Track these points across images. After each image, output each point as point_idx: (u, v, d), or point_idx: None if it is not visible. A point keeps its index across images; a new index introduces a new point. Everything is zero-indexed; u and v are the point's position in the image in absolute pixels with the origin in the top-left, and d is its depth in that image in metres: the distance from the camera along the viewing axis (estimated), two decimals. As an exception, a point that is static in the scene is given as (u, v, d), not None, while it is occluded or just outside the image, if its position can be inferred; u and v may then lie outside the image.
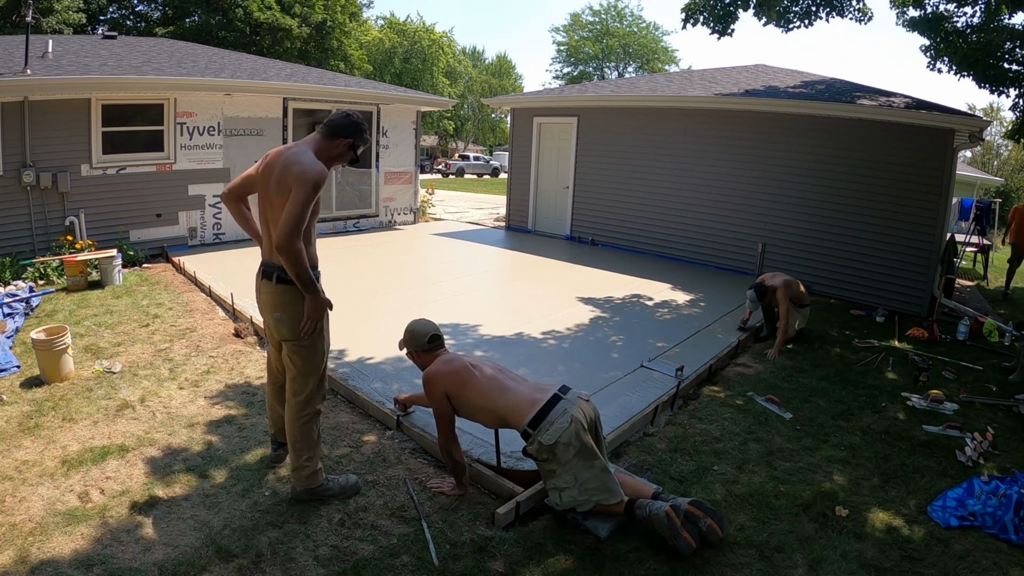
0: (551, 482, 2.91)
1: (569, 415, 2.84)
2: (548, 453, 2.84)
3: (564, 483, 2.86)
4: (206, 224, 9.11)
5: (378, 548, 2.72)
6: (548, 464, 2.88)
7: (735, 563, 2.76)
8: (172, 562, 2.55)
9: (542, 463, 2.91)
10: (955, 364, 5.69)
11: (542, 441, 2.81)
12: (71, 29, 21.78)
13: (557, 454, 2.83)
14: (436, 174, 37.70)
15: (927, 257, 7.50)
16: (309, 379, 2.96)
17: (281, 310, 2.87)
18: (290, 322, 2.87)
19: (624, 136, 10.19)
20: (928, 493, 3.42)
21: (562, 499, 2.88)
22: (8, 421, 3.64)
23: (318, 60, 29.15)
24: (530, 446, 2.88)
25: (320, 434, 3.09)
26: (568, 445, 2.80)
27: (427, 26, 42.79)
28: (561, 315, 6.30)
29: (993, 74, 8.30)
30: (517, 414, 2.90)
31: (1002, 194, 25.97)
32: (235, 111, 9.13)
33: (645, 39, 44.74)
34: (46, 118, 7.36)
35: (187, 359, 4.76)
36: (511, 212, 12.29)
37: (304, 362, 2.93)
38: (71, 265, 6.60)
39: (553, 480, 2.90)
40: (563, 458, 2.83)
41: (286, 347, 2.94)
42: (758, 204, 8.81)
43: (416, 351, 3.26)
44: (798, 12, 9.40)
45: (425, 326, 3.27)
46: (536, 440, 2.83)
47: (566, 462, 2.83)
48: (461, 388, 3.01)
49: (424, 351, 3.24)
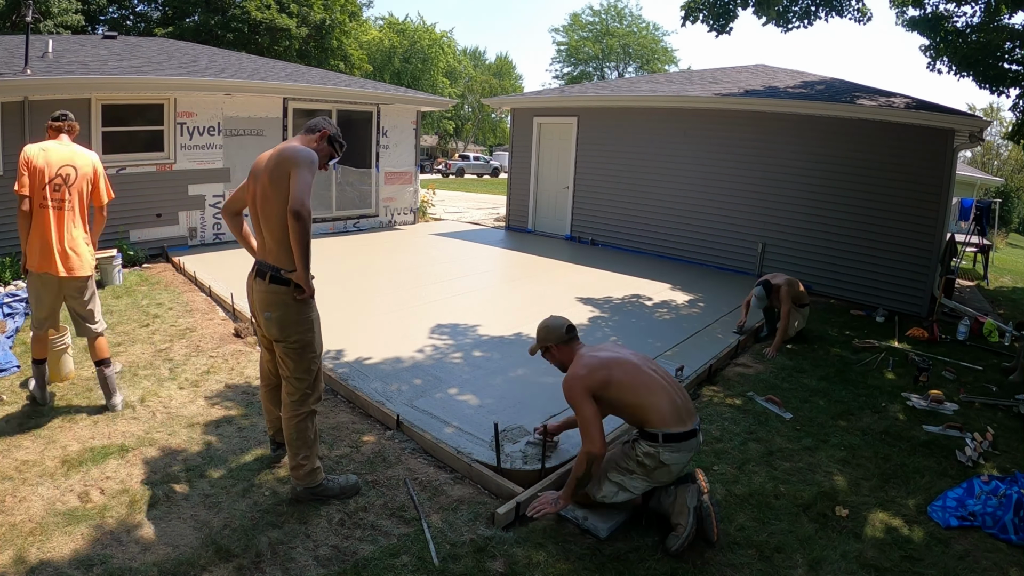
0: (616, 476, 2.92)
1: (690, 455, 2.90)
2: (652, 463, 2.85)
3: (630, 486, 2.90)
4: (206, 224, 9.11)
5: (378, 548, 2.72)
6: (635, 465, 2.89)
7: (735, 563, 2.76)
8: (172, 562, 2.55)
9: (634, 460, 2.89)
10: (955, 364, 5.69)
11: (663, 457, 2.83)
12: (69, 31, 21.78)
13: (653, 468, 2.86)
14: (436, 174, 37.69)
15: (927, 257, 7.50)
16: (302, 379, 2.97)
17: (273, 309, 2.87)
18: (281, 322, 2.87)
19: (624, 136, 10.19)
20: (928, 493, 3.41)
21: (604, 494, 2.92)
22: (8, 421, 3.64)
23: (318, 60, 29.17)
24: (647, 444, 2.86)
25: (318, 433, 3.09)
26: (668, 471, 2.87)
27: (427, 26, 42.80)
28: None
29: (993, 74, 8.31)
30: (660, 419, 2.84)
31: (1002, 194, 25.99)
32: (235, 111, 9.13)
33: (645, 39, 44.77)
34: (46, 118, 7.34)
35: (187, 359, 4.76)
36: (511, 212, 12.30)
37: (296, 363, 2.94)
38: (71, 265, 6.58)
39: (620, 476, 2.91)
40: (653, 474, 2.87)
41: (278, 348, 2.95)
42: (758, 204, 8.81)
43: (557, 345, 3.12)
44: (797, 12, 9.41)
45: (559, 320, 3.17)
46: (658, 450, 2.83)
47: (647, 476, 2.88)
48: (605, 386, 2.87)
49: (565, 343, 3.11)
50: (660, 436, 2.82)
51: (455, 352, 5.10)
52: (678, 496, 2.86)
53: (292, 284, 2.83)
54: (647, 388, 2.89)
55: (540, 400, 4.20)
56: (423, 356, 4.97)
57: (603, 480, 2.95)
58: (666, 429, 2.82)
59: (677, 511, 2.83)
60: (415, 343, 5.25)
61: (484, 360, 4.96)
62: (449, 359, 4.94)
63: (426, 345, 5.22)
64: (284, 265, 2.84)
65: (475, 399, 4.23)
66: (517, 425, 3.81)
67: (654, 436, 2.83)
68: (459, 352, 5.10)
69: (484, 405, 4.13)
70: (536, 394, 4.32)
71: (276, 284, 2.85)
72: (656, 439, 2.83)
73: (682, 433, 2.83)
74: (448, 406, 4.09)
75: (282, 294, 2.85)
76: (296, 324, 2.90)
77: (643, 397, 2.87)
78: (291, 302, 2.86)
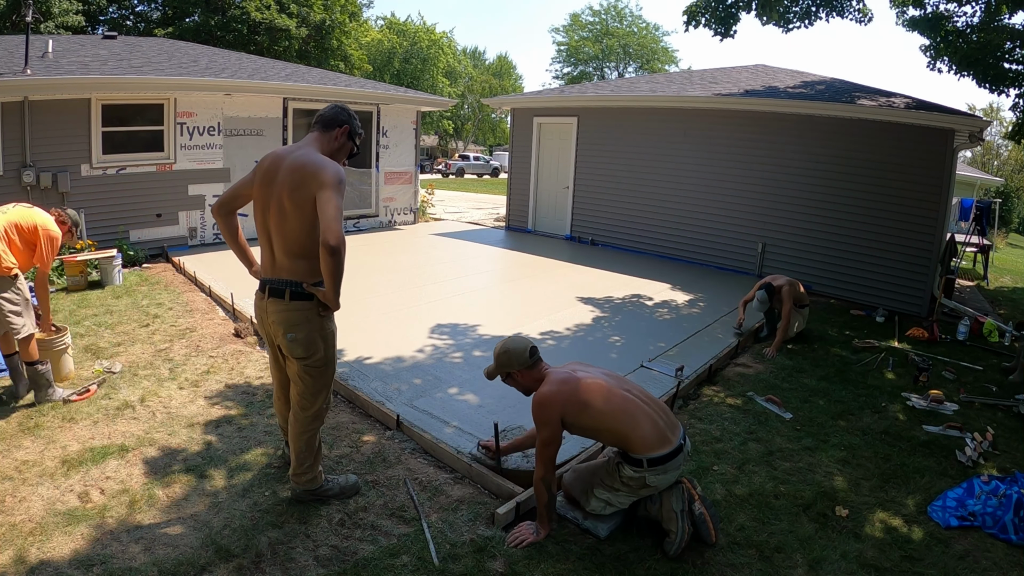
0: (603, 493, 2.88)
1: (677, 472, 2.83)
2: (638, 484, 2.81)
3: (616, 501, 2.89)
4: (206, 224, 9.11)
5: (378, 548, 2.72)
6: (621, 485, 2.85)
7: (735, 563, 2.76)
8: (172, 562, 2.55)
9: (620, 481, 2.84)
10: (955, 364, 5.69)
11: (648, 480, 2.78)
12: (70, 32, 21.79)
13: (639, 488, 2.83)
14: (436, 174, 37.68)
15: (927, 257, 7.50)
16: (319, 396, 2.84)
17: (297, 330, 2.66)
18: (307, 341, 2.69)
19: (624, 136, 10.19)
20: (928, 493, 3.41)
21: (592, 507, 2.91)
22: (8, 421, 3.64)
23: (318, 60, 29.16)
24: (631, 470, 2.79)
25: (321, 440, 3.05)
26: (655, 488, 2.83)
27: (427, 26, 42.81)
28: (561, 315, 6.30)
29: (993, 74, 8.30)
30: (643, 446, 2.75)
31: (1002, 194, 25.98)
32: (235, 111, 9.13)
33: (645, 39, 44.75)
34: (46, 118, 7.37)
35: (187, 359, 4.76)
36: (511, 212, 12.30)
37: (315, 380, 2.80)
38: (71, 265, 6.60)
39: (607, 494, 2.88)
40: (639, 492, 2.85)
41: (298, 365, 2.76)
42: (758, 204, 8.81)
43: (520, 370, 2.93)
44: (798, 12, 9.42)
45: (520, 341, 2.96)
46: (643, 474, 2.77)
47: (634, 493, 2.86)
48: (580, 411, 2.77)
49: (528, 367, 2.92)
50: (645, 462, 2.75)
51: (455, 352, 5.10)
52: (663, 502, 2.81)
53: (316, 299, 2.66)
54: (627, 414, 2.78)
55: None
56: (423, 356, 4.97)
57: (590, 496, 2.91)
58: (650, 454, 2.74)
59: (666, 517, 2.79)
60: (415, 343, 5.25)
61: (484, 360, 4.96)
62: (449, 359, 4.94)
63: (426, 345, 5.22)
64: (304, 278, 2.63)
65: (475, 399, 4.23)
66: (517, 425, 3.81)
67: (639, 462, 2.76)
68: (459, 352, 5.10)
69: (484, 405, 4.13)
70: (536, 394, 4.32)
71: (298, 300, 2.65)
72: (641, 464, 2.76)
73: (667, 454, 2.76)
74: (448, 406, 4.09)
75: (306, 310, 2.65)
76: (322, 340, 2.74)
77: (624, 424, 2.77)
78: (315, 317, 2.68)
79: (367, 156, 11.21)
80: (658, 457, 2.75)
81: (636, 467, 2.78)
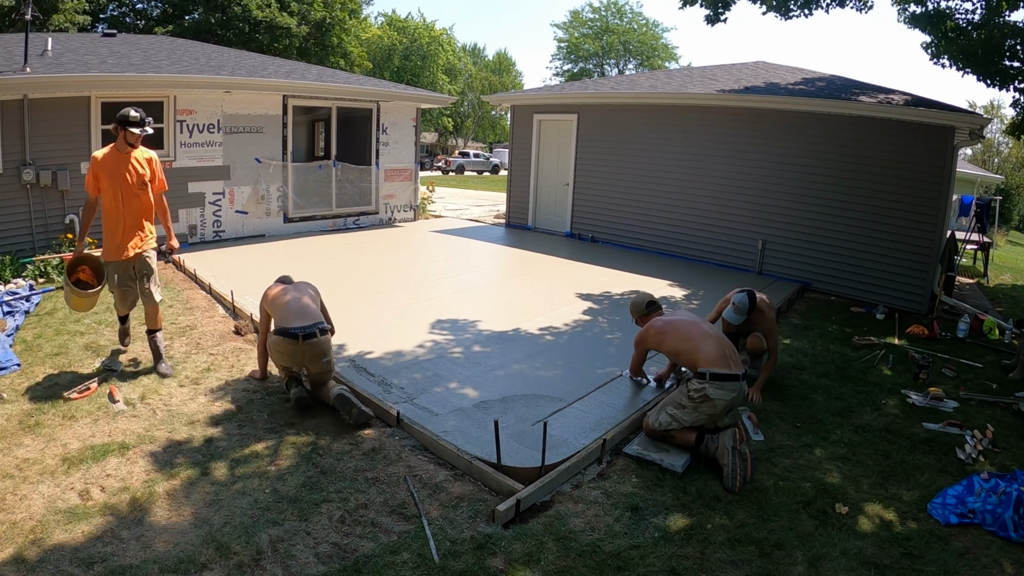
0: (672, 409, 3.59)
1: (733, 395, 3.53)
2: (699, 397, 3.51)
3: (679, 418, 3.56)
4: (206, 222, 9.11)
5: (378, 545, 2.73)
6: (687, 400, 3.55)
7: (735, 560, 2.76)
8: (172, 559, 2.55)
9: (687, 396, 3.55)
10: (955, 361, 5.69)
11: (709, 391, 3.49)
12: (76, 28, 21.79)
13: (700, 402, 3.51)
14: (436, 171, 37.67)
15: (927, 254, 7.50)
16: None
17: (329, 352, 4.02)
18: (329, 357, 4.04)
19: (624, 133, 10.18)
20: (928, 490, 3.42)
21: (660, 422, 3.60)
22: (8, 419, 3.64)
23: (318, 57, 29.12)
24: (697, 381, 3.54)
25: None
26: (713, 405, 3.51)
27: (427, 23, 42.74)
28: (560, 311, 6.30)
29: (994, 71, 8.28)
30: (706, 361, 3.56)
31: (1002, 192, 25.97)
32: (235, 108, 9.12)
33: (645, 36, 44.70)
34: (46, 116, 7.36)
35: (187, 356, 4.77)
36: (511, 209, 12.29)
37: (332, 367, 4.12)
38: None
39: (675, 410, 3.58)
40: (700, 407, 3.52)
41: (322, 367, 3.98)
42: (758, 201, 8.80)
43: (638, 317, 4.29)
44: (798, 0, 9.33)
45: (642, 297, 4.33)
46: (705, 386, 3.50)
47: (695, 410, 3.53)
48: (660, 341, 3.94)
49: (644, 315, 4.23)
50: (708, 375, 3.50)
51: (455, 348, 5.10)
52: (720, 441, 3.39)
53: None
54: (698, 337, 3.70)
55: (540, 396, 4.20)
56: (423, 352, 4.98)
57: (661, 412, 3.63)
58: (713, 369, 3.50)
59: (720, 453, 3.36)
60: (415, 339, 5.25)
61: (484, 356, 4.96)
62: (449, 355, 4.94)
63: (426, 341, 5.22)
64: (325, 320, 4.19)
65: (475, 394, 4.23)
66: (518, 425, 3.82)
67: (703, 375, 3.52)
68: (459, 348, 5.11)
69: (484, 400, 4.13)
70: (536, 389, 4.33)
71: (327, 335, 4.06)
72: (704, 377, 3.51)
73: (726, 374, 3.50)
74: (448, 402, 4.09)
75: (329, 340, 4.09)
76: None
77: (693, 343, 3.68)
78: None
79: (367, 153, 11.20)
80: (719, 374, 3.50)
81: (700, 379, 3.54)
